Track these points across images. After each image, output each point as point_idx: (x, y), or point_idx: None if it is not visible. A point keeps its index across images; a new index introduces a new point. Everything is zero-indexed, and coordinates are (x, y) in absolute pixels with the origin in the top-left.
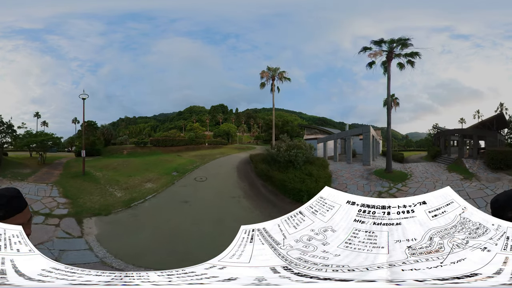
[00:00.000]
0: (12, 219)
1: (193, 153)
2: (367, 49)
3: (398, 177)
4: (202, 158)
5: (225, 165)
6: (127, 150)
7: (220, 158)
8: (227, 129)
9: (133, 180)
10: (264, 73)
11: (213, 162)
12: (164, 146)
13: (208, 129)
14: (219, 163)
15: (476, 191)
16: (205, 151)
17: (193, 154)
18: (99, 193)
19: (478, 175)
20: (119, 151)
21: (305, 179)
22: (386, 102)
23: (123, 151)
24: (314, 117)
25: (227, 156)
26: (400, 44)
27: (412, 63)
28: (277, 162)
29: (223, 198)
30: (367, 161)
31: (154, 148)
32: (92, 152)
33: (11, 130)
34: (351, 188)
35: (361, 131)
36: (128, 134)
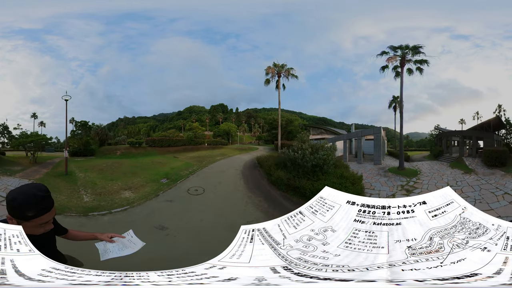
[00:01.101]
0: (40, 218)
1: (191, 154)
2: (385, 53)
3: (410, 173)
4: (200, 161)
5: (228, 170)
6: (120, 151)
7: (221, 160)
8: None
9: (112, 186)
10: (270, 69)
11: (213, 166)
12: (160, 147)
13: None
14: (220, 167)
15: (474, 181)
16: (204, 152)
17: (191, 155)
18: (69, 194)
19: (476, 170)
20: (113, 152)
21: (342, 183)
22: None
23: (116, 151)
24: (314, 117)
25: (229, 158)
26: (412, 51)
27: (421, 70)
28: (300, 167)
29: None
30: (378, 161)
31: (150, 148)
32: (86, 153)
33: (7, 131)
34: (376, 185)
35: (372, 132)
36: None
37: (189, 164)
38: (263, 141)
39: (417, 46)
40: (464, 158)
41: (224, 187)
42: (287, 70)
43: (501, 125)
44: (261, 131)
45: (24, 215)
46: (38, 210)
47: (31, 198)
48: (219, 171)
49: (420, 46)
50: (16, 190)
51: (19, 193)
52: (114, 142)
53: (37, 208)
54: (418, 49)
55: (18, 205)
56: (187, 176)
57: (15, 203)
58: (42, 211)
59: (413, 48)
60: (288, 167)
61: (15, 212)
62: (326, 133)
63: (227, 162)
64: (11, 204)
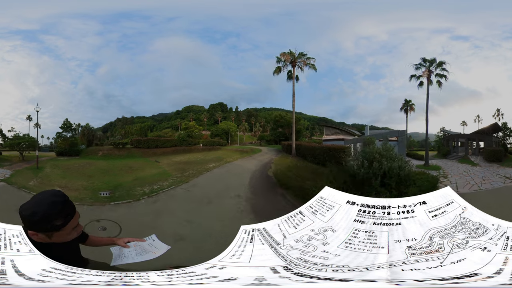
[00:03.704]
0: (68, 226)
1: (179, 157)
2: (421, 66)
3: (435, 168)
4: (184, 169)
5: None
6: (102, 152)
7: (214, 170)
8: (226, 127)
9: (57, 182)
10: (285, 55)
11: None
12: (147, 148)
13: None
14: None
15: (480, 170)
16: (196, 154)
17: (178, 159)
18: (24, 178)
19: (480, 164)
20: (96, 153)
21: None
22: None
23: (98, 152)
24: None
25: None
26: (438, 65)
27: (440, 84)
28: (365, 181)
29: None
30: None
31: (135, 150)
32: (71, 152)
33: (1, 134)
34: None
35: (397, 134)
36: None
37: (166, 173)
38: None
39: (442, 62)
40: (469, 156)
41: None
42: (305, 60)
43: (499, 129)
44: (262, 131)
45: (53, 226)
46: (65, 217)
47: (52, 206)
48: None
49: (445, 62)
50: (30, 203)
51: (36, 205)
52: (109, 142)
53: (62, 215)
54: (442, 64)
55: (42, 218)
56: (140, 197)
57: (37, 217)
58: (69, 216)
59: (439, 64)
60: (349, 188)
61: (41, 226)
62: (342, 133)
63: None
64: (32, 219)
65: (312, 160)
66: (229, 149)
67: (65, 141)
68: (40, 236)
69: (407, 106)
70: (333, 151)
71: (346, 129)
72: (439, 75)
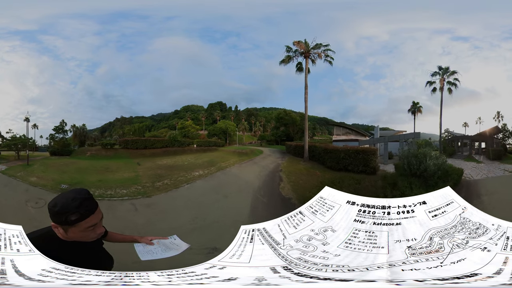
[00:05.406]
0: (85, 221)
1: (165, 160)
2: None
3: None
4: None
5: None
6: (90, 152)
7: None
8: (225, 127)
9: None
10: (299, 44)
11: (159, 205)
12: (135, 149)
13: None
14: (171, 217)
15: (484, 166)
16: (187, 156)
17: (164, 162)
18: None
19: (483, 162)
20: (85, 153)
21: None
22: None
23: (87, 152)
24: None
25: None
26: (451, 74)
27: (450, 91)
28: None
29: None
30: None
31: (123, 150)
32: (63, 152)
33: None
34: None
35: (413, 136)
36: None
37: (136, 179)
38: (266, 142)
39: (454, 71)
40: (473, 155)
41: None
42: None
43: (499, 131)
44: (263, 130)
45: (68, 219)
46: (81, 213)
47: (71, 201)
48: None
49: (457, 71)
50: (57, 197)
51: (60, 198)
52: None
53: (79, 211)
54: (454, 73)
55: (59, 210)
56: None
57: (56, 209)
58: (86, 213)
59: (452, 72)
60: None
61: (58, 218)
62: (353, 134)
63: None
64: (53, 210)
65: (332, 166)
66: (226, 150)
67: (58, 142)
68: (59, 229)
69: (415, 108)
70: (362, 154)
71: (358, 130)
72: (450, 83)
